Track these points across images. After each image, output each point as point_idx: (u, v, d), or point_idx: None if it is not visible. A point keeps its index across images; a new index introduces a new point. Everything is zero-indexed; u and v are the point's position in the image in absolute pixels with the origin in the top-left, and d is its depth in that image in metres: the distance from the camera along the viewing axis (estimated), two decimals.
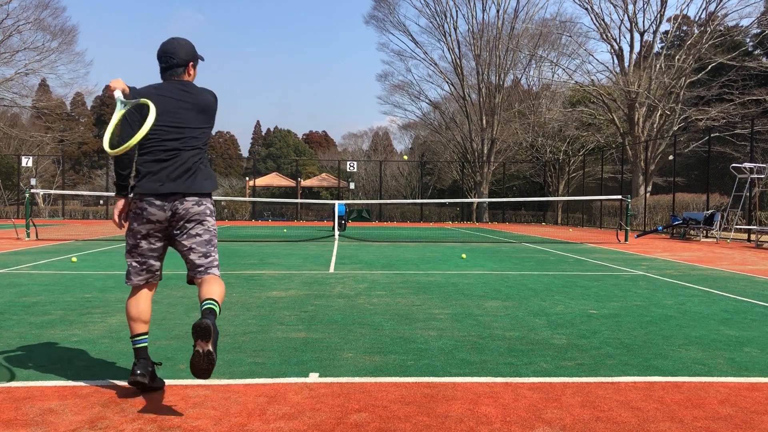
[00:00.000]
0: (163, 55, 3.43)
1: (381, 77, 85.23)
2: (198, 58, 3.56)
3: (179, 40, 3.48)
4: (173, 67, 3.43)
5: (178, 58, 3.42)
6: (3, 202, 39.25)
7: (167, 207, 3.27)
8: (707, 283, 8.26)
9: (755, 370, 3.92)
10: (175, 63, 3.42)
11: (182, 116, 3.35)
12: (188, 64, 3.48)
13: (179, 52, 3.43)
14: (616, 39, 32.52)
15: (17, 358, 4.02)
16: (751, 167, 18.09)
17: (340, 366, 3.90)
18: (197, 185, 3.33)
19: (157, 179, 3.27)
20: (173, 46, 3.43)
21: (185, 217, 3.30)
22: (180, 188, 3.27)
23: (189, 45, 3.50)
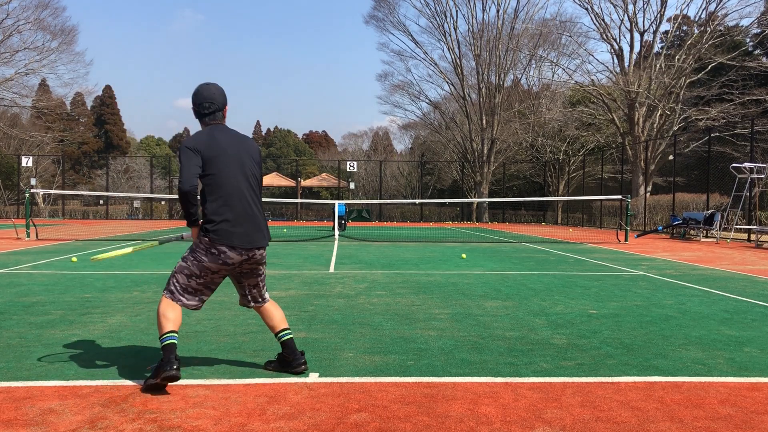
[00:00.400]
0: (205, 101, 3.66)
1: (381, 77, 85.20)
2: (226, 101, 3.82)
3: (216, 86, 3.73)
4: (215, 113, 3.69)
5: (219, 103, 3.69)
6: (3, 202, 39.26)
7: (245, 253, 3.56)
8: (707, 283, 8.26)
9: (755, 370, 3.92)
10: (217, 108, 3.68)
11: (247, 164, 3.65)
12: (225, 107, 3.74)
13: (218, 97, 3.69)
14: (616, 39, 32.54)
15: (17, 358, 4.02)
16: (751, 167, 18.09)
17: (340, 366, 3.90)
18: (268, 235, 3.75)
19: (238, 230, 3.54)
20: (212, 93, 3.68)
21: (260, 262, 3.68)
22: (261, 242, 3.64)
23: (222, 89, 3.77)
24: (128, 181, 47.30)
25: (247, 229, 3.56)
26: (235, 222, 3.53)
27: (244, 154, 3.65)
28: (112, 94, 75.19)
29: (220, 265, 3.52)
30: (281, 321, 3.77)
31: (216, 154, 3.54)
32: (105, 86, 74.66)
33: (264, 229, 3.69)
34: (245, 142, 3.72)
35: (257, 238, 3.60)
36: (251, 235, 3.58)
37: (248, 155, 3.68)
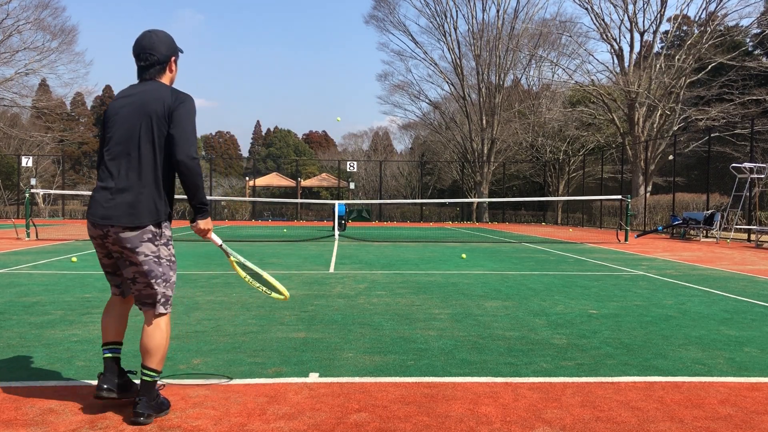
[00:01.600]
0: (142, 52, 3.07)
1: (381, 77, 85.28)
2: (179, 51, 3.24)
3: (156, 32, 3.13)
4: (150, 67, 3.10)
5: (160, 54, 3.09)
6: (3, 202, 39.25)
7: (98, 228, 3.02)
8: (707, 283, 8.25)
9: (755, 370, 3.92)
10: (156, 60, 3.09)
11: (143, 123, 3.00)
12: (170, 60, 3.17)
13: (160, 47, 3.09)
14: (616, 39, 32.54)
15: (17, 358, 4.02)
16: (751, 167, 18.09)
17: (340, 366, 3.90)
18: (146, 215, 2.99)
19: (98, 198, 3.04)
20: (152, 41, 3.09)
21: (125, 246, 2.98)
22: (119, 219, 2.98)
23: (168, 36, 3.17)
24: None
25: (107, 198, 2.95)
26: (101, 189, 2.99)
27: (142, 109, 2.98)
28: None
29: (91, 238, 3.09)
30: (143, 353, 3.02)
31: (114, 113, 3.04)
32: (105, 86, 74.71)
33: (135, 206, 2.92)
34: (150, 94, 3.01)
35: (116, 214, 2.91)
36: (110, 207, 2.93)
37: (149, 110, 2.98)
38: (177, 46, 3.20)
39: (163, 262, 3.01)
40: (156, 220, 2.97)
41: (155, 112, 2.96)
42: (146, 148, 2.96)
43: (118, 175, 2.96)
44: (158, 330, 3.01)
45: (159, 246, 3.00)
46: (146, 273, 2.97)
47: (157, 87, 3.04)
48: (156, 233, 2.98)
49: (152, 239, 2.97)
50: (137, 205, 2.92)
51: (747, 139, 25.24)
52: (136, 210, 2.92)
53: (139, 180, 2.95)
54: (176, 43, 3.19)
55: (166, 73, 3.14)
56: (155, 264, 2.98)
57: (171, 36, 3.17)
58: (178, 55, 3.22)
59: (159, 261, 2.99)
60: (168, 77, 3.16)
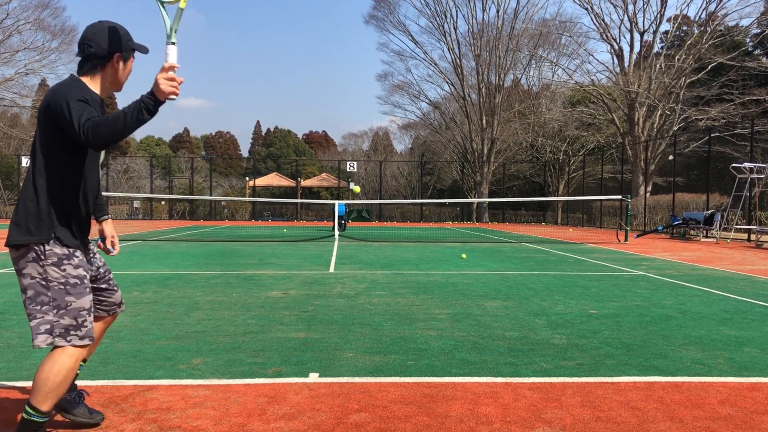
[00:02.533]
0: (83, 42, 2.64)
1: (381, 77, 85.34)
2: (130, 48, 2.71)
3: (104, 23, 2.66)
4: (89, 59, 2.64)
5: (98, 46, 2.62)
6: (3, 202, 39.26)
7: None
8: (707, 283, 8.25)
9: (755, 370, 3.92)
10: (94, 53, 2.63)
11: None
12: (114, 55, 2.66)
13: (100, 39, 2.62)
14: (616, 39, 32.55)
15: (17, 358, 4.02)
16: (751, 167, 18.09)
17: (340, 366, 3.90)
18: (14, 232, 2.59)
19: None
20: (94, 31, 2.63)
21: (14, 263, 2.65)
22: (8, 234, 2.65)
23: (118, 30, 2.66)
24: (128, 181, 47.28)
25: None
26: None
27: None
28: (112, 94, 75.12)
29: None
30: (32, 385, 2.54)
31: None
32: None
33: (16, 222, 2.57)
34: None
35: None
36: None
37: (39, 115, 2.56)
38: (133, 44, 2.70)
39: (52, 285, 2.54)
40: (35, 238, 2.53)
41: (40, 114, 2.55)
42: (33, 158, 2.57)
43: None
44: (49, 362, 2.51)
45: (45, 267, 2.54)
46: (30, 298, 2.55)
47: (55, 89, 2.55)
48: (39, 252, 2.54)
49: (36, 259, 2.54)
50: (18, 221, 2.56)
51: (747, 139, 25.24)
52: (18, 226, 2.56)
53: (24, 192, 2.58)
54: (132, 41, 2.70)
55: (106, 70, 2.66)
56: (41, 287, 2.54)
57: (126, 31, 2.69)
58: (128, 54, 2.70)
59: (47, 285, 2.54)
60: (109, 76, 2.67)
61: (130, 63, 2.73)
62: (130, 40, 2.70)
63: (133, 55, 2.74)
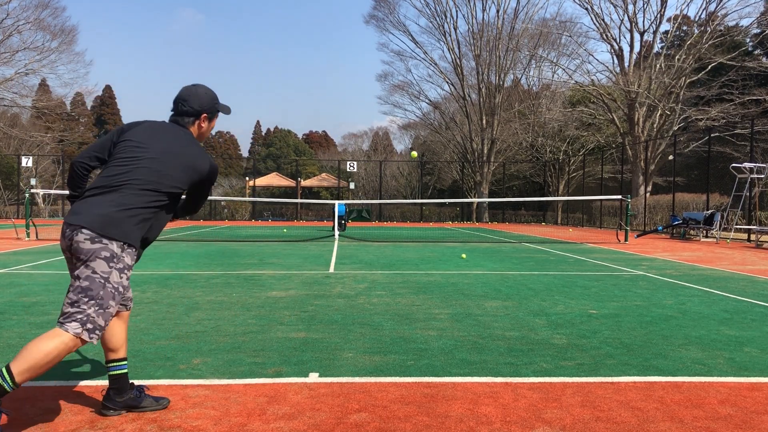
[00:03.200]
0: (178, 100, 3.12)
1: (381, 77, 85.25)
2: (216, 110, 3.19)
3: (199, 89, 3.14)
4: (182, 115, 3.10)
5: (191, 106, 3.09)
6: (3, 202, 39.25)
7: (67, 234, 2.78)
8: (707, 283, 8.25)
9: (755, 370, 3.92)
10: (185, 112, 3.09)
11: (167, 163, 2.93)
12: (200, 115, 3.12)
13: (193, 100, 3.09)
14: (616, 39, 32.55)
15: None
16: (751, 167, 18.09)
17: (340, 366, 3.90)
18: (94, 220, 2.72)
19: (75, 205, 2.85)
20: (188, 93, 3.11)
21: (72, 249, 2.74)
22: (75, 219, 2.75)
23: (206, 93, 3.14)
24: None
25: (81, 205, 2.80)
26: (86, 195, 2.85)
27: (170, 153, 2.94)
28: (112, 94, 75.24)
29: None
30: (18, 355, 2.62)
31: (133, 138, 2.96)
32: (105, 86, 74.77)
33: (90, 210, 2.74)
34: (185, 145, 3.00)
35: (75, 217, 2.75)
36: (74, 211, 2.79)
37: (175, 156, 2.94)
38: (218, 105, 3.17)
39: (108, 287, 2.71)
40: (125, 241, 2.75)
41: (193, 168, 2.97)
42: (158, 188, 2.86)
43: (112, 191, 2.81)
44: (52, 341, 2.59)
45: (114, 269, 2.72)
46: (82, 289, 2.68)
47: (195, 143, 3.05)
48: (115, 254, 2.72)
49: (109, 258, 2.71)
50: (112, 216, 2.74)
51: (747, 139, 25.24)
52: (110, 220, 2.73)
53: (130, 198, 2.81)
54: (217, 103, 3.17)
55: (195, 126, 3.12)
56: (98, 284, 2.68)
57: (214, 94, 3.16)
58: (214, 114, 3.17)
59: (104, 284, 2.69)
60: (195, 131, 3.12)
61: (212, 123, 3.21)
62: (215, 102, 3.17)
63: (217, 115, 3.23)
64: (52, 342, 2.57)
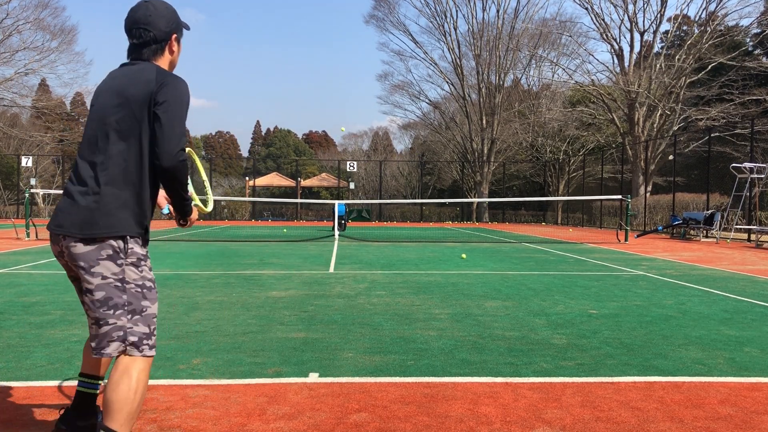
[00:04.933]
0: (133, 27, 2.45)
1: (381, 77, 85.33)
2: (181, 26, 2.58)
3: (152, 2, 2.48)
4: (144, 46, 2.46)
5: (157, 29, 2.45)
6: (3, 202, 39.25)
7: (57, 241, 2.38)
8: (707, 283, 8.25)
9: (755, 370, 3.92)
10: (152, 38, 2.45)
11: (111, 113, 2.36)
12: (171, 37, 2.51)
13: (156, 20, 2.45)
14: (616, 39, 32.55)
15: (17, 358, 4.02)
16: (751, 167, 18.09)
17: (340, 366, 3.90)
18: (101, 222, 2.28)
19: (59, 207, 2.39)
20: (145, 12, 2.45)
21: (74, 261, 2.31)
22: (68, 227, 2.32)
23: (168, 8, 2.51)
24: None
25: (63, 207, 2.33)
26: (64, 197, 2.37)
27: (121, 95, 2.34)
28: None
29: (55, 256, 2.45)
30: (106, 407, 2.24)
31: (93, 101, 2.46)
32: None
33: (94, 212, 2.26)
34: (132, 77, 2.36)
35: (67, 221, 2.28)
36: (61, 216, 2.31)
37: (127, 96, 2.32)
38: (180, 20, 2.56)
39: (129, 287, 2.29)
40: (119, 232, 2.28)
41: (134, 99, 2.30)
42: (121, 144, 2.31)
43: (85, 176, 2.32)
44: (125, 378, 2.23)
45: (123, 266, 2.29)
46: (101, 301, 2.25)
47: (141, 68, 2.38)
48: (119, 249, 2.28)
49: (113, 257, 2.28)
50: (96, 212, 2.27)
51: (747, 139, 25.24)
52: (94, 217, 2.26)
53: (108, 183, 2.28)
54: (179, 17, 2.56)
55: (165, 54, 2.50)
56: (116, 289, 2.27)
57: (173, 8, 2.54)
58: (181, 32, 2.57)
59: (122, 286, 2.28)
60: (167, 59, 2.52)
61: (180, 43, 2.59)
62: (178, 18, 2.55)
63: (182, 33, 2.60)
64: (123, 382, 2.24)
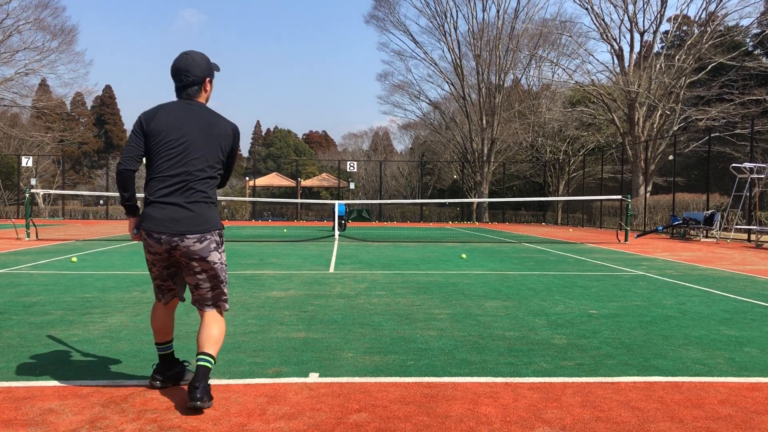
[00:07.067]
0: (179, 73, 3.28)
1: (381, 77, 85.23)
2: (213, 70, 3.43)
3: (194, 55, 3.33)
4: (187, 87, 3.31)
5: (195, 75, 3.29)
6: (3, 202, 39.25)
7: (164, 242, 3.19)
8: (707, 283, 8.25)
9: (755, 370, 3.92)
10: (191, 82, 3.30)
11: (201, 145, 3.25)
12: (205, 80, 3.36)
13: (194, 68, 3.29)
14: (616, 39, 32.53)
15: (17, 358, 4.02)
16: (751, 167, 18.09)
17: (340, 366, 3.90)
18: (199, 225, 3.22)
19: (157, 214, 3.20)
20: (188, 62, 3.28)
21: (188, 255, 3.21)
22: (178, 227, 3.18)
23: (203, 58, 3.35)
24: None
25: (168, 213, 3.16)
26: (161, 204, 3.18)
27: (203, 132, 3.24)
28: (112, 94, 75.18)
29: (148, 252, 3.28)
30: (206, 341, 3.23)
31: (162, 128, 3.20)
32: (105, 86, 74.70)
33: (190, 218, 3.18)
34: (210, 121, 3.29)
35: (175, 225, 3.16)
36: (169, 221, 3.16)
37: (209, 135, 3.26)
38: (212, 65, 3.39)
39: (225, 267, 3.34)
40: (219, 228, 3.29)
41: (221, 142, 3.28)
42: (209, 167, 3.24)
43: (185, 189, 3.19)
44: (221, 322, 3.32)
45: (221, 253, 3.31)
46: (216, 277, 3.28)
47: (212, 114, 3.32)
48: (219, 241, 3.28)
49: (217, 248, 3.26)
50: (206, 216, 3.22)
51: (747, 139, 25.23)
52: (207, 220, 3.22)
53: (204, 193, 3.23)
54: (211, 63, 3.38)
55: (202, 93, 3.35)
56: (221, 270, 3.29)
57: (206, 57, 3.36)
58: (213, 75, 3.40)
59: (223, 267, 3.31)
60: (204, 96, 3.37)
61: (212, 83, 3.43)
62: (210, 64, 3.39)
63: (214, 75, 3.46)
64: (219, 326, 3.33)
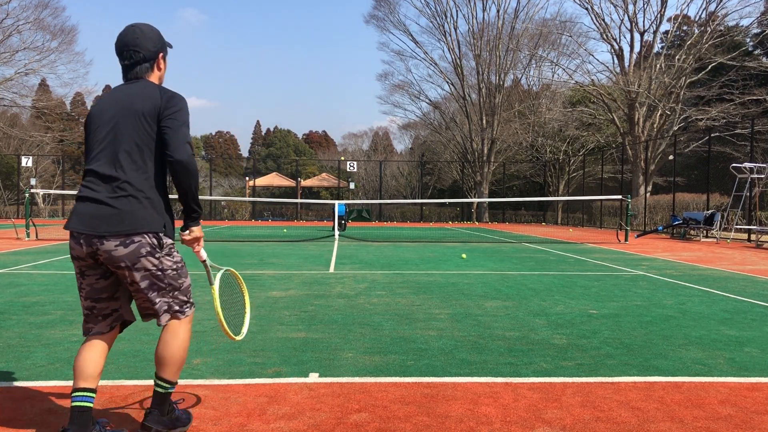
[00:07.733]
0: (125, 49, 2.76)
1: (381, 77, 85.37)
2: (166, 45, 2.90)
3: (140, 27, 2.79)
4: (136, 65, 2.78)
5: (145, 50, 2.77)
6: (3, 202, 39.25)
7: (84, 244, 2.62)
8: (707, 283, 8.25)
9: (755, 370, 3.92)
10: (142, 58, 2.77)
11: (128, 125, 2.67)
12: (158, 56, 2.83)
13: (144, 42, 2.76)
14: (617, 39, 32.53)
15: (17, 358, 4.02)
16: (751, 167, 18.08)
17: (340, 366, 3.90)
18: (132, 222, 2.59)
19: (80, 210, 2.65)
20: (136, 36, 2.76)
21: (113, 262, 2.60)
22: (101, 227, 2.58)
23: (154, 30, 2.83)
24: None
25: (90, 210, 2.59)
26: (82, 199, 2.64)
27: (128, 110, 2.66)
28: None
29: (72, 258, 2.69)
30: (159, 363, 2.71)
31: (92, 119, 2.73)
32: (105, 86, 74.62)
33: (112, 215, 2.56)
34: (140, 94, 2.69)
35: (95, 224, 2.57)
36: (89, 218, 2.59)
37: (133, 111, 2.65)
38: (165, 40, 2.87)
39: (168, 273, 2.68)
40: (154, 229, 2.64)
41: (144, 112, 2.64)
42: (138, 152, 2.63)
43: (105, 182, 2.61)
44: (175, 337, 2.71)
45: (160, 258, 2.65)
46: (147, 289, 2.65)
47: (143, 85, 2.73)
48: (154, 245, 2.63)
49: (151, 252, 2.62)
50: (134, 215, 2.59)
51: (747, 139, 25.23)
52: (134, 220, 2.59)
53: (132, 186, 2.61)
54: (163, 38, 2.86)
55: (154, 71, 2.82)
56: (157, 279, 2.65)
57: (157, 29, 2.84)
58: (166, 51, 2.88)
59: (163, 274, 2.66)
60: (156, 75, 2.83)
61: (166, 61, 2.92)
62: (163, 38, 2.87)
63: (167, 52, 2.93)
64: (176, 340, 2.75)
